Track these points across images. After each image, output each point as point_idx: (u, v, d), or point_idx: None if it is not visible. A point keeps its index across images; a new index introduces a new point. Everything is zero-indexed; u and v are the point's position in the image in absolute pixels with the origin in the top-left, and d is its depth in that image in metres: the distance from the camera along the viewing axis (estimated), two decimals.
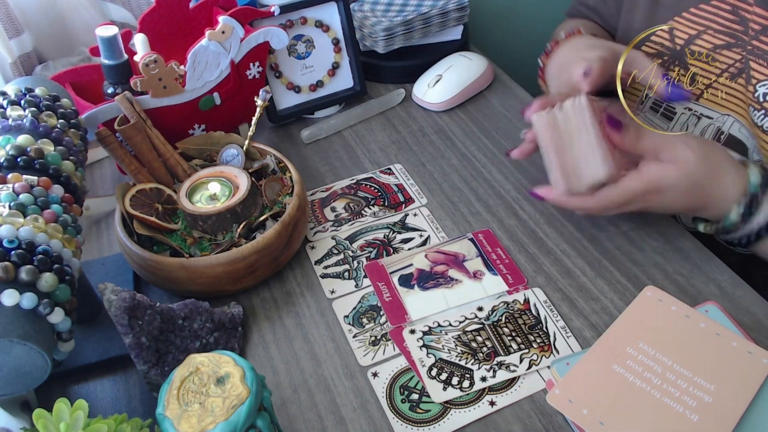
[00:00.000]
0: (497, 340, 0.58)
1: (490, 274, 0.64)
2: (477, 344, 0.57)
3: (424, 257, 0.66)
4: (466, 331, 0.59)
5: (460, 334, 0.58)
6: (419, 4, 0.93)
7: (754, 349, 0.53)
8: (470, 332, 0.58)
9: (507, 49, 1.22)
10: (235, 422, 0.38)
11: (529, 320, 0.59)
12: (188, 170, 0.67)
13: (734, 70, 0.69)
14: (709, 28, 0.70)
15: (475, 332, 0.58)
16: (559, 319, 0.59)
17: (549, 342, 0.57)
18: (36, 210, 0.47)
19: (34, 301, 0.43)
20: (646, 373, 0.52)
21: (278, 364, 0.57)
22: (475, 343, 0.57)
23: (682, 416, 0.49)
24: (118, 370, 0.58)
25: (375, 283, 0.64)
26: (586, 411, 0.50)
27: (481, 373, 0.55)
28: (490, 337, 0.58)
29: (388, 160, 0.79)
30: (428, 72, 0.89)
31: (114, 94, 0.68)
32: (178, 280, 0.59)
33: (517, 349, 0.57)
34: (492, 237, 0.68)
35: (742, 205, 0.57)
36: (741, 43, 0.68)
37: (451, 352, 0.57)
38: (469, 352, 0.57)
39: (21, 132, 0.53)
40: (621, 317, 0.57)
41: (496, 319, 0.59)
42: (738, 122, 0.70)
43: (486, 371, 0.55)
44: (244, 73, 0.74)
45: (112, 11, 0.93)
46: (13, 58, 0.83)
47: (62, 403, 0.42)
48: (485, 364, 0.56)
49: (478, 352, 0.57)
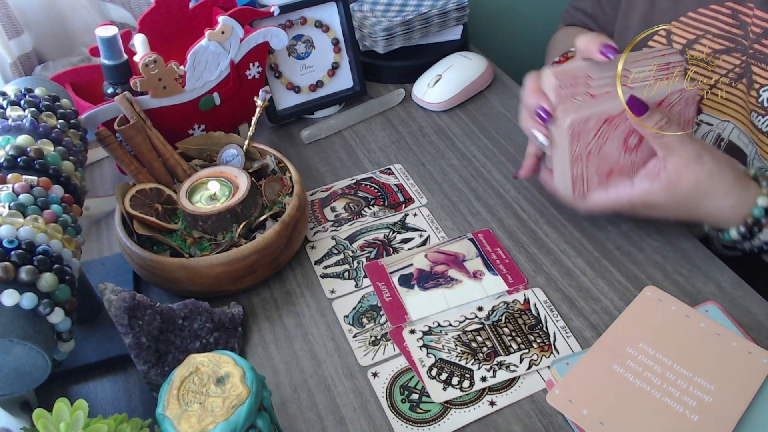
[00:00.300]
0: (497, 340, 0.58)
1: (490, 274, 0.64)
2: (477, 344, 0.57)
3: (424, 257, 0.66)
4: (466, 331, 0.59)
5: (460, 334, 0.58)
6: (419, 4, 0.93)
7: (754, 349, 0.53)
8: (470, 332, 0.58)
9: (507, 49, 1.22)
10: (235, 422, 0.38)
11: (529, 320, 0.59)
12: (188, 170, 0.67)
13: (734, 75, 0.69)
14: (708, 32, 0.70)
15: (475, 332, 0.58)
16: (559, 319, 0.59)
17: (549, 342, 0.57)
18: (36, 210, 0.47)
19: (34, 301, 0.43)
20: (646, 373, 0.52)
21: (278, 364, 0.57)
22: (475, 343, 0.57)
23: (682, 416, 0.49)
24: (118, 370, 0.58)
25: (375, 283, 0.64)
26: (586, 411, 0.50)
27: (481, 373, 0.55)
28: (490, 337, 0.58)
29: (388, 160, 0.79)
30: (428, 72, 0.89)
31: (114, 95, 0.68)
32: (178, 280, 0.59)
33: (517, 349, 0.57)
34: (492, 237, 0.68)
35: (742, 227, 0.58)
36: (741, 48, 0.68)
37: (451, 352, 0.57)
38: (469, 352, 0.57)
39: (21, 132, 0.53)
40: (621, 317, 0.57)
41: (496, 319, 0.59)
42: (737, 129, 0.69)
43: (486, 371, 0.55)
44: (243, 74, 0.74)
45: (111, 11, 0.93)
46: (12, 59, 0.83)
47: (62, 403, 0.42)
48: (485, 364, 0.56)
49: (478, 352, 0.57)
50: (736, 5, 0.68)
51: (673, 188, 0.57)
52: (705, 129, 0.72)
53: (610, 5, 0.85)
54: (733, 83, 0.69)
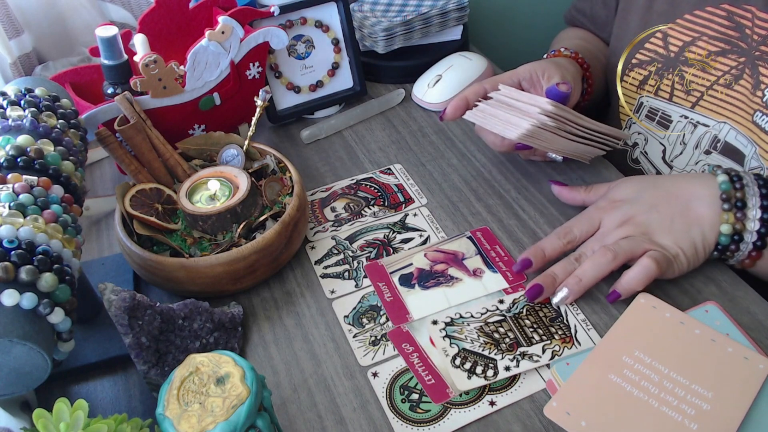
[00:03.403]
0: (519, 331, 0.58)
1: (490, 272, 0.64)
2: (499, 335, 0.58)
3: (424, 256, 0.66)
4: (488, 322, 0.59)
5: (482, 325, 0.59)
6: (419, 4, 0.93)
7: (750, 355, 0.53)
8: (492, 323, 0.59)
9: (507, 49, 1.22)
10: (235, 422, 0.38)
11: (549, 313, 0.59)
12: (188, 170, 0.67)
13: (730, 77, 0.69)
14: (704, 34, 0.70)
15: (497, 323, 0.59)
16: (579, 312, 0.59)
17: (570, 334, 0.58)
18: (36, 210, 0.47)
19: (34, 301, 0.43)
20: (643, 381, 0.52)
21: (278, 364, 0.57)
22: (497, 334, 0.58)
23: (681, 425, 0.49)
24: (118, 370, 0.58)
25: (375, 283, 0.64)
26: (584, 423, 0.49)
27: (505, 362, 0.55)
28: (512, 328, 0.58)
29: (388, 160, 0.79)
30: (428, 72, 0.89)
31: (114, 95, 0.68)
32: (178, 280, 0.59)
33: (539, 340, 0.57)
34: (490, 234, 0.68)
35: (727, 207, 0.58)
36: (738, 50, 0.68)
37: (474, 342, 0.57)
38: (492, 343, 0.57)
39: (21, 132, 0.53)
40: (615, 326, 0.56)
41: (518, 311, 0.60)
42: (734, 130, 0.69)
43: (509, 361, 0.55)
44: (243, 74, 0.74)
45: (111, 11, 0.93)
46: (12, 59, 0.83)
47: (62, 403, 0.42)
48: (508, 354, 0.56)
49: (501, 343, 0.57)
50: (732, 7, 0.68)
51: (624, 186, 0.64)
52: (702, 130, 0.72)
53: (607, 7, 0.86)
54: (731, 84, 0.69)
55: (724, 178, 0.59)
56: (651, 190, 0.62)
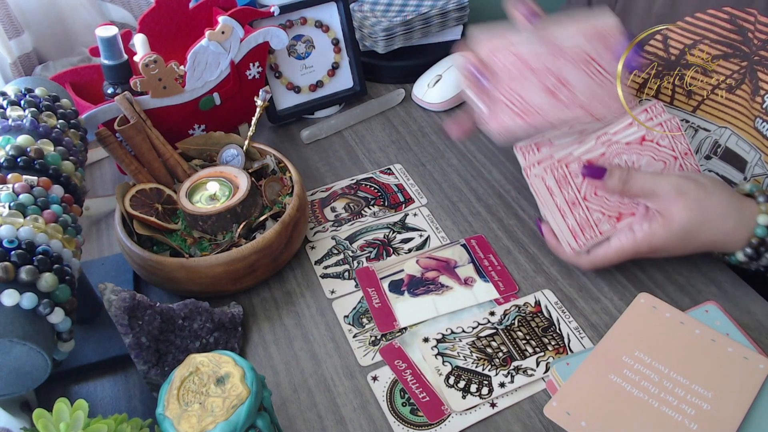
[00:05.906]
0: (512, 344, 0.57)
1: (481, 281, 0.63)
2: (492, 349, 0.57)
3: (416, 263, 0.65)
4: (480, 336, 0.58)
5: (474, 340, 0.58)
6: (419, 4, 0.93)
7: (750, 355, 0.53)
8: (484, 338, 0.58)
9: None
10: (235, 422, 0.38)
11: (542, 323, 0.59)
12: (188, 170, 0.67)
13: (732, 81, 0.68)
14: (706, 37, 0.70)
15: (489, 338, 0.58)
16: (571, 320, 0.59)
17: (564, 344, 0.57)
18: (36, 210, 0.47)
19: (34, 301, 0.43)
20: (643, 381, 0.52)
21: (278, 364, 0.57)
22: (490, 349, 0.57)
23: (681, 425, 0.49)
24: (118, 370, 0.58)
25: (365, 288, 0.63)
26: (585, 423, 0.49)
27: (499, 378, 0.55)
28: (504, 341, 0.57)
29: (388, 160, 0.79)
30: (428, 72, 0.90)
31: (114, 95, 0.68)
32: (178, 280, 0.59)
33: (533, 352, 0.56)
34: (485, 243, 0.67)
35: (749, 249, 0.57)
36: (740, 54, 0.67)
37: (467, 359, 0.56)
38: (485, 358, 0.56)
39: (21, 132, 0.53)
40: (615, 325, 0.56)
41: (509, 323, 0.59)
42: (736, 135, 0.69)
43: (504, 377, 0.55)
44: (243, 74, 0.74)
45: (111, 11, 0.93)
46: (12, 59, 0.83)
47: (62, 403, 0.42)
48: (502, 369, 0.55)
49: (494, 358, 0.56)
50: (735, 11, 0.67)
51: (669, 226, 0.56)
52: (702, 135, 0.72)
53: None
54: (733, 89, 0.68)
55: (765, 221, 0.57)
56: (679, 245, 0.59)
